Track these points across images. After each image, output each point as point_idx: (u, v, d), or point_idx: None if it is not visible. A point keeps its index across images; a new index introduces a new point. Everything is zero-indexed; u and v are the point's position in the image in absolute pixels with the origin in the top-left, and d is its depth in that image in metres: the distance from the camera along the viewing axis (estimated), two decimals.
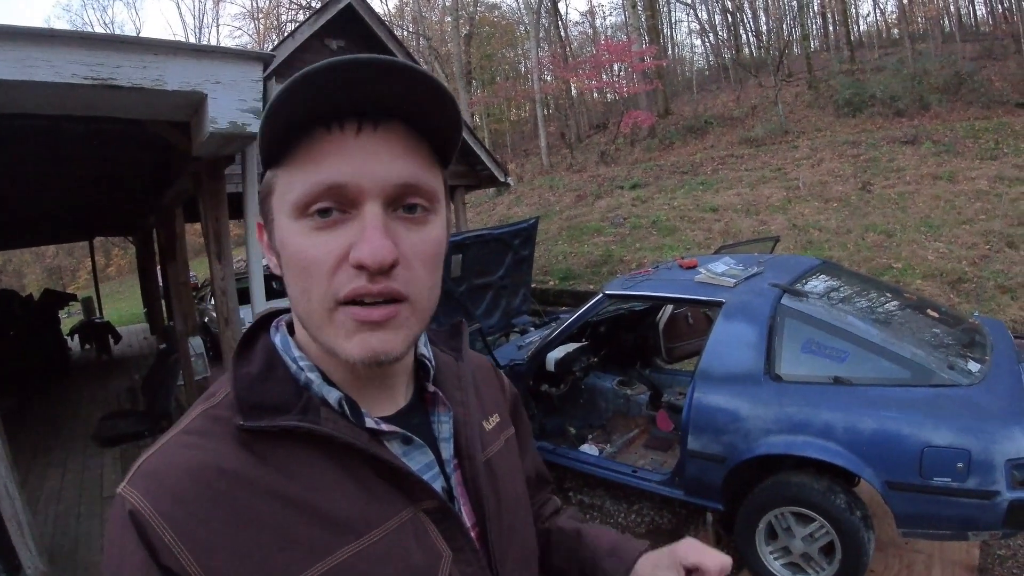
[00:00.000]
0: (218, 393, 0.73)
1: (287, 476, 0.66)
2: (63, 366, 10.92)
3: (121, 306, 25.72)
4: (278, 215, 0.68)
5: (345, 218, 0.64)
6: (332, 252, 0.64)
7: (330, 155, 0.63)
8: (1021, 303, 8.31)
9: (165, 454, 0.66)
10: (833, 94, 22.00)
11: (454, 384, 0.87)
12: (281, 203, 0.67)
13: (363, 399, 0.74)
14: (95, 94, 3.05)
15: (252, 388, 0.70)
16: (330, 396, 0.71)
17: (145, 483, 0.64)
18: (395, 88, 0.62)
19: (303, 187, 0.64)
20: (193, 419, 0.70)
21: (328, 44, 10.23)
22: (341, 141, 0.63)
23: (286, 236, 0.66)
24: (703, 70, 39.51)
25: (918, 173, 13.84)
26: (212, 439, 0.67)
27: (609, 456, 4.41)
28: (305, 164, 0.64)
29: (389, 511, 0.70)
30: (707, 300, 3.87)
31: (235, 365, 0.74)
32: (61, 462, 6.12)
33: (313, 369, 0.73)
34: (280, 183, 0.67)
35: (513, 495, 0.89)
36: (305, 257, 0.65)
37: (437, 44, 34.54)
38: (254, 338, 0.79)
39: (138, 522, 0.61)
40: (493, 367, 1.07)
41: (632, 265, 12.87)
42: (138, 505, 0.62)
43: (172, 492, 0.62)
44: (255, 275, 4.27)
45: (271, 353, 0.75)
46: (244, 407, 0.68)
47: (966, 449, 2.76)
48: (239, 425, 0.66)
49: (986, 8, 30.62)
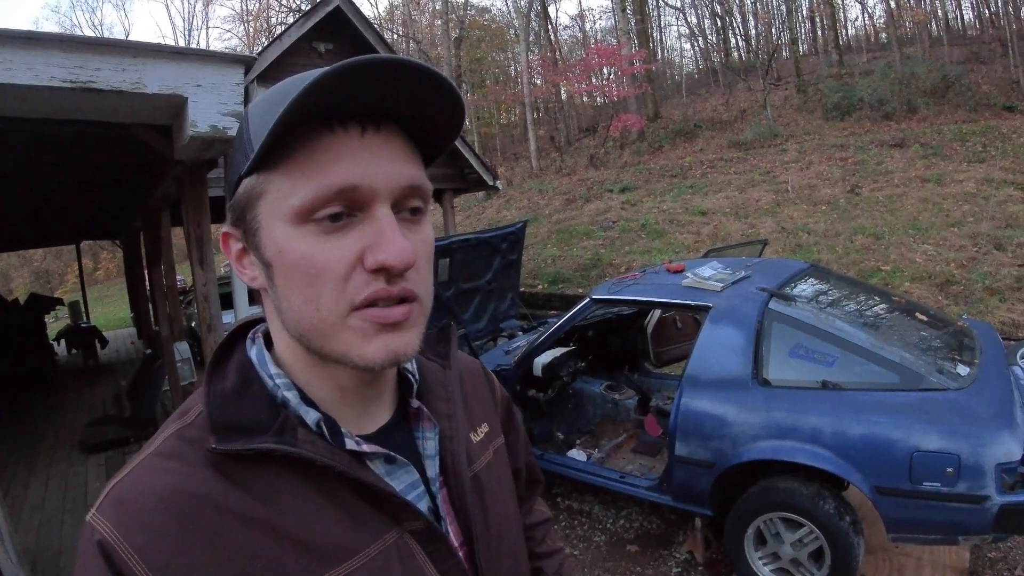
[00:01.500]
0: (191, 411, 0.69)
1: (264, 501, 0.63)
2: (49, 371, 10.84)
3: (109, 310, 25.65)
4: (270, 222, 0.64)
5: (353, 221, 0.62)
6: (343, 258, 0.61)
7: (336, 156, 0.61)
8: (1009, 305, 8.35)
9: (134, 479, 0.63)
10: (822, 98, 22.16)
11: (440, 395, 0.84)
12: (277, 209, 0.63)
13: (344, 417, 0.71)
14: (75, 97, 3.00)
15: (226, 407, 0.67)
16: (308, 417, 0.68)
17: (114, 511, 0.61)
18: (402, 90, 0.61)
19: (309, 191, 0.60)
20: (165, 439, 0.67)
21: (316, 47, 10.20)
22: (345, 142, 0.61)
23: (285, 244, 0.63)
24: (692, 74, 39.74)
25: (906, 176, 13.94)
26: (184, 462, 0.64)
27: (597, 461, 4.38)
28: (307, 167, 0.61)
29: (372, 535, 0.68)
30: (694, 304, 3.85)
31: (208, 380, 0.71)
32: (45, 469, 6.05)
33: (290, 387, 0.70)
34: (273, 188, 0.63)
35: (502, 511, 0.86)
36: (313, 264, 0.61)
37: (427, 47, 34.61)
38: (229, 351, 0.75)
39: (106, 552, 0.59)
40: (483, 371, 1.03)
41: (621, 269, 12.88)
42: (106, 534, 0.59)
43: (141, 520, 0.60)
44: (238, 281, 4.24)
45: (246, 368, 0.72)
46: (217, 427, 0.65)
47: (955, 453, 2.74)
48: (211, 448, 0.63)
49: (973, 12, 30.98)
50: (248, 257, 0.69)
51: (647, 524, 4.29)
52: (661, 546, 4.02)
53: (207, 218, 4.19)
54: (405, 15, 35.42)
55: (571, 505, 4.61)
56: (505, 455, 0.96)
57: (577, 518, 4.45)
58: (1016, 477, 2.72)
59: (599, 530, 4.28)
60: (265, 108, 0.62)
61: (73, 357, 13.12)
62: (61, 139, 4.56)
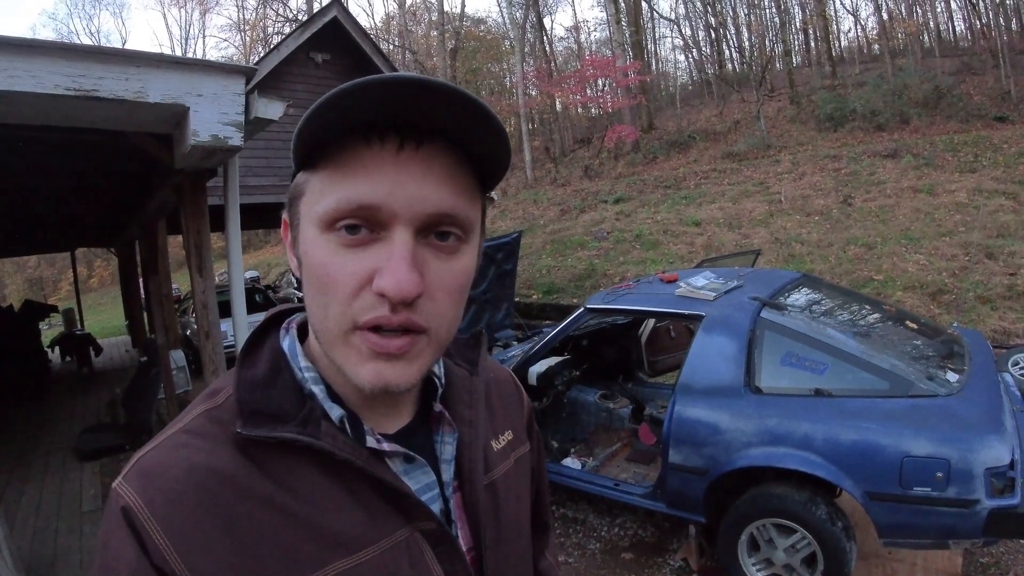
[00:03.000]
0: (221, 392, 0.71)
1: (283, 486, 0.65)
2: (43, 378, 10.78)
3: (103, 318, 25.49)
4: (304, 222, 0.65)
5: (374, 238, 0.62)
6: (355, 275, 0.61)
7: (366, 171, 0.60)
8: (1000, 313, 8.41)
9: (162, 452, 0.65)
10: (815, 109, 22.26)
11: (464, 401, 0.84)
12: (310, 211, 0.64)
13: (367, 415, 0.73)
14: (77, 105, 3.03)
15: (254, 393, 0.69)
16: (333, 412, 0.70)
17: (140, 480, 0.63)
18: (439, 107, 0.59)
19: (333, 201, 0.61)
20: (194, 417, 0.69)
21: (313, 57, 10.25)
22: (379, 157, 0.60)
23: (310, 247, 0.64)
24: (686, 85, 39.90)
25: (898, 186, 14.02)
26: (210, 441, 0.66)
27: (592, 469, 4.41)
28: (336, 175, 0.61)
29: (385, 530, 0.69)
30: (687, 313, 3.89)
31: (240, 365, 0.73)
32: (40, 476, 6.03)
33: (318, 382, 0.71)
34: (310, 189, 0.64)
35: (514, 521, 0.87)
36: (326, 274, 0.62)
37: (423, 58, 34.68)
38: (262, 338, 0.77)
39: (130, 519, 0.61)
40: (514, 381, 1.03)
41: (615, 279, 12.91)
42: (131, 502, 0.61)
43: (166, 492, 0.62)
44: (236, 289, 4.26)
45: (278, 357, 0.74)
46: (244, 412, 0.67)
47: (945, 459, 2.78)
48: (237, 432, 0.65)
49: (964, 24, 31.12)
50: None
51: (641, 532, 4.31)
52: (655, 553, 4.04)
53: (206, 226, 4.21)
54: (401, 26, 35.42)
55: (566, 513, 4.63)
56: (527, 464, 0.96)
57: (572, 526, 4.47)
58: (1005, 481, 2.75)
59: (594, 538, 4.30)
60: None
61: (67, 364, 13.04)
62: (59, 146, 4.57)
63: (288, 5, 33.78)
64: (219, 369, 4.21)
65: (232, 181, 4.10)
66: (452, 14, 33.94)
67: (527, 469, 0.96)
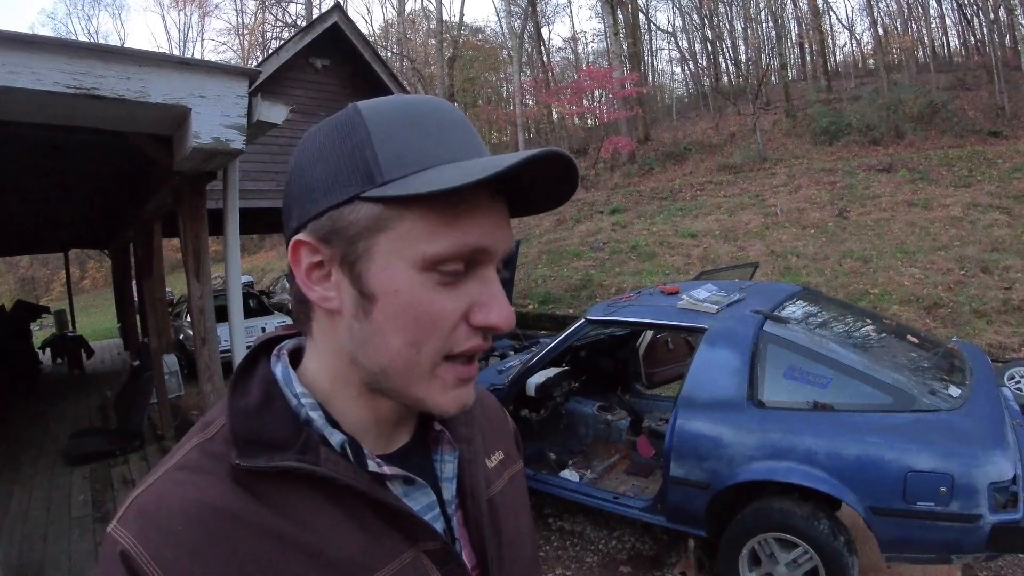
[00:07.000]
0: (213, 424, 0.70)
1: (285, 517, 0.64)
2: (34, 380, 10.71)
3: (95, 320, 25.40)
4: (389, 258, 0.63)
5: (465, 276, 0.65)
6: (457, 310, 0.64)
7: (481, 216, 0.63)
8: (996, 327, 8.45)
9: (157, 491, 0.64)
10: (810, 122, 22.39)
11: (461, 420, 0.84)
12: (403, 249, 0.62)
13: (366, 438, 0.72)
14: (77, 103, 2.98)
15: (248, 422, 0.67)
16: (333, 438, 0.68)
17: (137, 523, 0.61)
18: (550, 177, 0.65)
19: (449, 244, 0.62)
20: (187, 452, 0.67)
21: (313, 62, 10.26)
22: (486, 203, 0.64)
23: (404, 286, 0.63)
24: (683, 97, 40.04)
25: (893, 200, 14.09)
26: (206, 475, 0.64)
27: (590, 482, 4.37)
28: (450, 218, 0.62)
29: (390, 553, 0.68)
30: (690, 326, 3.88)
31: (231, 394, 0.71)
32: (28, 480, 5.96)
33: (316, 408, 0.70)
34: (405, 228, 0.62)
35: (516, 534, 0.86)
36: (428, 312, 0.63)
37: (421, 66, 34.76)
38: (253, 366, 0.75)
39: (130, 564, 0.59)
40: (495, 400, 1.04)
41: (611, 290, 12.92)
42: (129, 546, 0.59)
43: (164, 532, 0.60)
44: (233, 293, 4.21)
45: (270, 384, 0.72)
46: (240, 442, 0.65)
47: (949, 473, 2.77)
48: (235, 464, 0.64)
49: (959, 39, 31.43)
50: (324, 276, 0.68)
51: (639, 545, 4.28)
52: (654, 567, 4.01)
53: (205, 230, 4.17)
54: (400, 33, 35.45)
55: (563, 526, 4.59)
56: (522, 481, 0.96)
57: (569, 539, 4.43)
58: (1008, 496, 2.75)
59: (591, 551, 4.27)
60: (413, 137, 0.64)
61: (58, 366, 12.98)
62: (56, 145, 4.53)
63: (287, 10, 33.76)
64: (215, 376, 4.16)
65: (232, 185, 4.06)
66: (451, 23, 34.08)
67: (523, 487, 0.96)
